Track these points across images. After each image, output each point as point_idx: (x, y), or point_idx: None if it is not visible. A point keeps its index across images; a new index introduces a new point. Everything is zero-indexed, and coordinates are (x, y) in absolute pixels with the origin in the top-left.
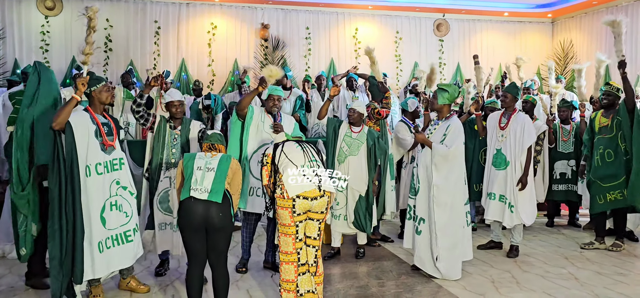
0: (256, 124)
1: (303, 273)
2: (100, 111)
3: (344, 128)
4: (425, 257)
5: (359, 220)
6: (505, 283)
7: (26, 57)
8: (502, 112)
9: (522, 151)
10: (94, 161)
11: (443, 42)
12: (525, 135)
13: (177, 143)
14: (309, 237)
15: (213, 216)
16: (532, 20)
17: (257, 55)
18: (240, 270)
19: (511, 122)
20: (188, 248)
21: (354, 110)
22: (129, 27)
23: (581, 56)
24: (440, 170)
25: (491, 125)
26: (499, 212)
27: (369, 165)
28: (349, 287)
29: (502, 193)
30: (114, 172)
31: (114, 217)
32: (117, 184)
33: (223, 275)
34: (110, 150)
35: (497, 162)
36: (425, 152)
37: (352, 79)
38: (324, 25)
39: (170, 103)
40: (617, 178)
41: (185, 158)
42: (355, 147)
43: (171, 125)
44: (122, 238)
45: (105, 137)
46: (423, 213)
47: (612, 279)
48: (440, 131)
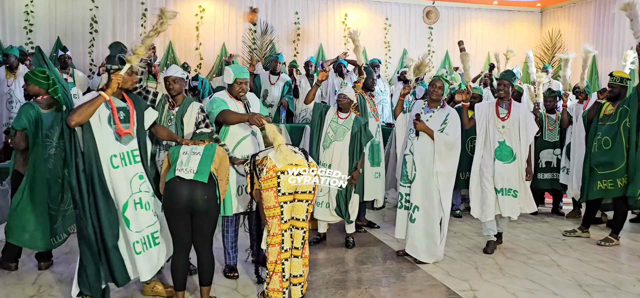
0: None
1: (290, 258)
2: (117, 94)
3: (330, 113)
4: (419, 245)
5: (340, 207)
6: (488, 270)
7: (10, 37)
8: (496, 102)
9: (527, 141)
10: (107, 153)
11: (432, 30)
12: (528, 125)
13: (172, 124)
14: (297, 218)
15: (198, 199)
16: (521, 10)
17: (245, 39)
18: (230, 276)
19: (512, 112)
20: (173, 232)
21: (345, 96)
22: (116, 8)
23: (569, 46)
24: (444, 159)
25: (482, 116)
26: (516, 207)
27: (350, 152)
28: (335, 272)
29: (514, 188)
30: (136, 164)
31: (142, 217)
32: (141, 179)
33: (208, 259)
34: (127, 139)
35: (502, 154)
36: (422, 139)
37: (342, 65)
38: (313, 10)
39: (166, 78)
40: (613, 167)
41: (171, 149)
42: (341, 132)
43: (170, 103)
44: (151, 241)
45: (120, 125)
46: (418, 201)
47: (593, 266)
48: (438, 120)
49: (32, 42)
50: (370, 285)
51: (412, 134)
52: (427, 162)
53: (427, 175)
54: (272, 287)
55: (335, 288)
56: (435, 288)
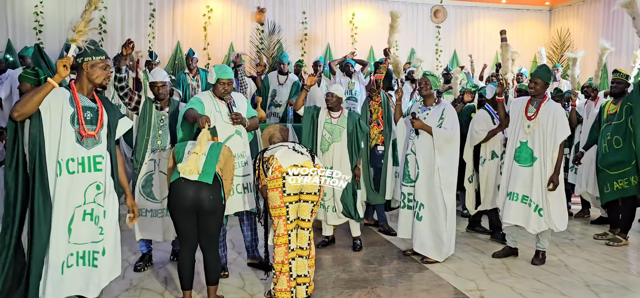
0: (212, 115)
1: (297, 258)
2: (87, 91)
3: (322, 115)
4: (427, 242)
5: (347, 208)
6: (495, 270)
7: (20, 38)
8: (528, 99)
9: (554, 146)
10: (65, 156)
11: (440, 29)
12: (557, 127)
13: (164, 125)
14: (303, 219)
15: (203, 199)
16: (529, 8)
17: (252, 39)
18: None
19: (541, 112)
20: (178, 231)
21: (333, 94)
22: (124, 9)
23: (578, 44)
24: (444, 153)
25: (515, 112)
26: (522, 215)
27: (350, 151)
28: (341, 271)
29: (526, 193)
30: (97, 172)
31: (85, 229)
32: (97, 189)
33: (214, 258)
34: (91, 142)
35: (520, 157)
36: (423, 137)
37: (349, 65)
38: (321, 10)
39: (153, 83)
40: (625, 166)
41: (176, 146)
42: (337, 132)
43: (157, 105)
44: (89, 259)
45: (84, 126)
46: (423, 198)
47: (601, 266)
48: (435, 116)
49: (42, 43)
50: (376, 284)
51: (412, 133)
52: (428, 159)
53: (429, 173)
54: (280, 287)
55: (341, 287)
56: (442, 288)
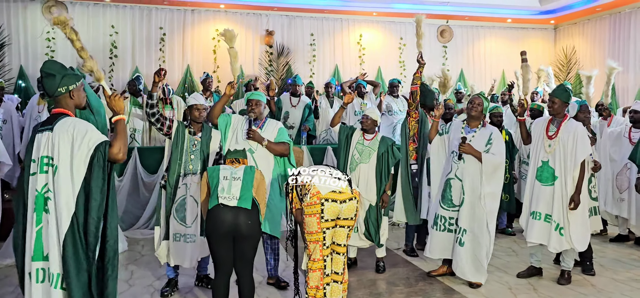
0: (234, 131)
1: (332, 283)
2: None
3: (356, 135)
4: (467, 267)
5: (369, 231)
6: (522, 290)
7: (32, 64)
8: (549, 119)
9: (575, 165)
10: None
11: (446, 49)
12: (578, 146)
13: (197, 149)
14: (338, 244)
15: (241, 223)
16: (535, 27)
17: (261, 61)
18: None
19: (562, 131)
20: (215, 256)
21: (367, 117)
22: (135, 33)
23: (584, 62)
24: (492, 181)
25: (537, 132)
26: (545, 234)
27: (377, 174)
28: (368, 294)
29: (548, 212)
30: None
31: None
32: None
33: (249, 282)
34: None
35: (542, 176)
36: (469, 162)
37: (361, 86)
38: (329, 31)
39: (194, 106)
40: None
41: (209, 170)
42: (367, 154)
43: (191, 130)
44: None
45: None
46: (466, 224)
47: (628, 285)
48: (481, 139)
49: None
50: None
51: (455, 157)
52: (475, 185)
53: (475, 199)
54: None
55: None
56: None
